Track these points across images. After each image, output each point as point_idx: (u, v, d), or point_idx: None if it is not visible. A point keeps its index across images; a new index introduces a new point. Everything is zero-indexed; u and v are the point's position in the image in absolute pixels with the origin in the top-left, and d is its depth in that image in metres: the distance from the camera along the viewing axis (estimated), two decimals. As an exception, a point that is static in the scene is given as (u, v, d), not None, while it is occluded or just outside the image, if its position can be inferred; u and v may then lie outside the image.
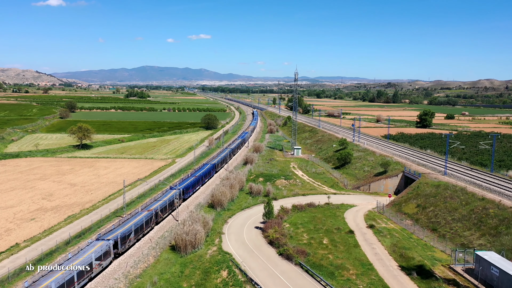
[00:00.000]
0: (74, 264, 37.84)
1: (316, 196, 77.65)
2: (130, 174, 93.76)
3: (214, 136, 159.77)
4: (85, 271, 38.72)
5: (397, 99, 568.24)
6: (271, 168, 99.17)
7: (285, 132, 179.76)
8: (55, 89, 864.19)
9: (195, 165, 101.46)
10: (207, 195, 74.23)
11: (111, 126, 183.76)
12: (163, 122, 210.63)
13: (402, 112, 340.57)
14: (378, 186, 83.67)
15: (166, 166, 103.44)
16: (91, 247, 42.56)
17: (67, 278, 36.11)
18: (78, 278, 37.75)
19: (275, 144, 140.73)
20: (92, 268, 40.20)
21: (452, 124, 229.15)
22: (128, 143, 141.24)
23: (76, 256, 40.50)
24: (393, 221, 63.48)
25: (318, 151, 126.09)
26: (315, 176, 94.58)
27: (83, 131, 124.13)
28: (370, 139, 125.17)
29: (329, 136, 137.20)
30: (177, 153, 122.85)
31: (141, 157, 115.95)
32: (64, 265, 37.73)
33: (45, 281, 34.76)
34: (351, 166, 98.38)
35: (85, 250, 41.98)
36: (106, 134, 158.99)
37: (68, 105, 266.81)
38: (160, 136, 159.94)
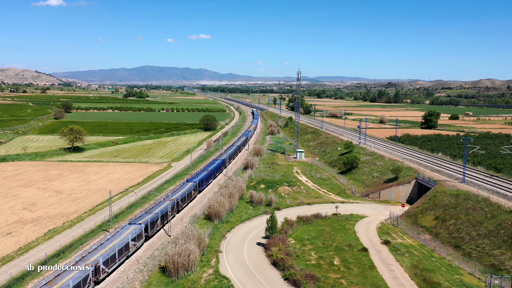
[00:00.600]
0: (114, 243, 43.86)
1: (323, 205, 71.44)
2: (122, 180, 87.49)
3: (213, 138, 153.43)
4: (123, 249, 44.45)
5: (399, 99, 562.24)
6: (273, 173, 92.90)
7: (287, 133, 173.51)
8: (54, 89, 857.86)
9: (191, 170, 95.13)
10: (204, 205, 67.97)
11: (106, 127, 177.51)
12: (161, 123, 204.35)
13: (405, 112, 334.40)
14: (389, 194, 77.42)
15: (161, 171, 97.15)
16: (126, 230, 48.43)
17: (111, 254, 42.02)
18: (118, 255, 43.50)
19: (276, 146, 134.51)
20: (129, 247, 45.93)
21: (458, 124, 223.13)
22: (123, 146, 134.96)
23: (114, 237, 46.20)
24: (410, 235, 57.23)
25: (322, 154, 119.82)
26: (320, 182, 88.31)
27: (75, 133, 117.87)
28: (377, 142, 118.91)
29: (333, 138, 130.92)
30: (174, 157, 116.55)
31: (135, 160, 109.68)
32: (105, 245, 43.90)
33: (93, 256, 40.94)
34: (358, 171, 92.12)
35: (120, 233, 47.55)
36: (100, 135, 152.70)
37: (64, 105, 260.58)
38: (157, 138, 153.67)
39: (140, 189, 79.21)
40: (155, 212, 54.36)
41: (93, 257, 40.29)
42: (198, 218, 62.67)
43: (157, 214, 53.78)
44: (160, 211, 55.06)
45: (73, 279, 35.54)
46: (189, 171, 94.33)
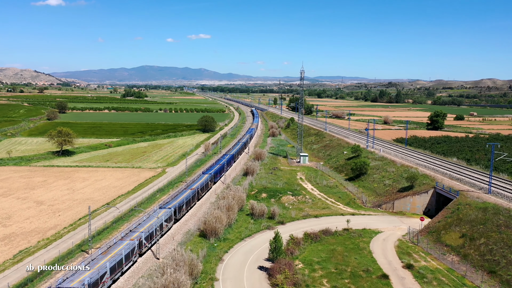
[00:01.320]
0: (151, 223, 49.93)
1: (331, 218, 64.23)
2: (111, 188, 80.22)
3: (211, 140, 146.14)
4: (159, 228, 50.58)
5: (400, 99, 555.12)
6: (275, 180, 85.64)
7: (288, 135, 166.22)
8: (52, 88, 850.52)
9: (187, 176, 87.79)
10: (199, 219, 60.73)
11: (101, 129, 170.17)
12: (157, 124, 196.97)
13: (408, 112, 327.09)
14: (403, 205, 70.20)
15: (154, 177, 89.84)
16: (158, 213, 54.07)
17: (150, 231, 48.03)
18: (155, 233, 49.57)
19: (278, 149, 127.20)
20: (163, 227, 52.02)
21: (464, 125, 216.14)
22: (116, 149, 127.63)
23: (149, 219, 52.32)
24: (434, 256, 50.01)
25: (326, 158, 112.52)
26: (327, 190, 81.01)
27: (64, 135, 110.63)
28: (386, 145, 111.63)
29: (338, 141, 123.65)
30: (169, 161, 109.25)
31: (128, 165, 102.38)
32: (143, 224, 50.05)
33: (135, 233, 46.87)
34: (368, 177, 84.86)
35: (155, 214, 53.22)
36: (93, 138, 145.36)
37: (58, 105, 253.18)
38: (152, 140, 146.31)
39: (129, 199, 71.95)
40: (180, 199, 60.35)
41: (136, 233, 47.09)
42: (192, 234, 55.40)
43: (182, 201, 59.93)
44: (185, 197, 61.81)
45: (124, 249, 42.57)
46: (184, 177, 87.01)
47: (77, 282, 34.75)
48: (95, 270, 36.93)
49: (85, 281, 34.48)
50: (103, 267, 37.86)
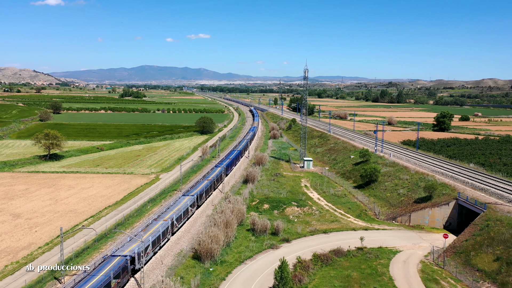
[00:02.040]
0: (179, 207, 55.32)
1: (342, 234, 57.21)
2: (98, 197, 73.10)
3: (209, 143, 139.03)
4: (186, 212, 56.09)
5: (402, 99, 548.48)
6: (278, 189, 78.54)
7: (290, 137, 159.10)
8: (50, 88, 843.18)
9: (181, 184, 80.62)
10: (193, 236, 53.66)
11: (94, 131, 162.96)
12: (154, 125, 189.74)
13: (410, 113, 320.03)
14: (421, 217, 63.16)
15: (146, 185, 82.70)
16: (184, 199, 59.20)
17: (179, 214, 53.42)
18: (183, 216, 55.33)
19: (280, 153, 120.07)
20: (188, 211, 56.97)
21: (470, 126, 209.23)
22: (108, 152, 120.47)
23: (175, 204, 57.61)
24: (465, 283, 43.00)
25: (332, 163, 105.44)
26: (335, 200, 73.92)
27: (51, 138, 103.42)
28: (396, 149, 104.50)
29: (343, 144, 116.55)
30: (163, 166, 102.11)
31: (119, 171, 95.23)
32: (172, 208, 55.62)
33: (166, 215, 52.21)
34: (379, 185, 77.79)
35: (180, 200, 58.70)
36: (85, 140, 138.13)
37: (53, 106, 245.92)
38: (147, 143, 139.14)
39: (116, 212, 64.81)
40: (199, 188, 64.01)
41: (167, 215, 51.67)
42: (184, 256, 48.26)
43: (202, 189, 63.93)
44: (204, 186, 66.25)
45: (162, 226, 47.71)
46: (179, 185, 79.78)
47: (128, 251, 40.99)
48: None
49: (135, 251, 40.88)
50: (147, 240, 43.44)
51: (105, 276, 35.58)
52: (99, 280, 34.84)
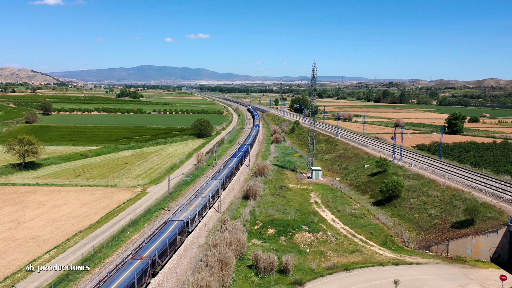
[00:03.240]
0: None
1: (368, 272, 45.40)
2: (71, 218, 61.23)
3: (206, 148, 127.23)
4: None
5: (404, 99, 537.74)
6: (285, 206, 66.67)
7: (294, 141, 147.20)
8: (46, 88, 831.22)
9: (170, 201, 68.67)
10: (179, 277, 41.73)
11: (82, 134, 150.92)
12: (147, 128, 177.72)
13: (415, 113, 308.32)
14: (462, 247, 51.35)
15: (130, 201, 70.80)
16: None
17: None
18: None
19: (284, 160, 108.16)
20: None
21: (482, 128, 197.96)
22: (93, 159, 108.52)
23: (191, 203, 59.99)
24: None
25: (343, 172, 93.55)
26: (353, 221, 62.01)
27: (26, 144, 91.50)
28: (417, 157, 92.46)
29: (354, 151, 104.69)
30: (153, 176, 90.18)
31: (101, 183, 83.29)
32: (186, 208, 57.37)
33: (182, 214, 54.47)
34: (403, 203, 65.97)
35: (195, 200, 61.28)
36: (69, 145, 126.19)
37: (42, 106, 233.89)
38: (138, 148, 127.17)
39: (87, 239, 52.89)
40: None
41: (182, 215, 53.89)
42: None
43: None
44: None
45: (203, 201, 59.65)
46: (166, 203, 67.82)
47: (182, 217, 51.73)
48: (190, 211, 54.62)
49: (188, 217, 51.77)
50: (194, 210, 54.28)
51: (172, 233, 47.07)
52: (169, 234, 46.35)
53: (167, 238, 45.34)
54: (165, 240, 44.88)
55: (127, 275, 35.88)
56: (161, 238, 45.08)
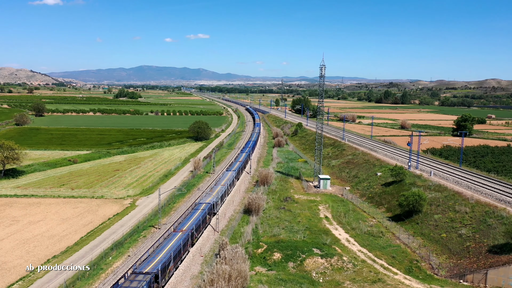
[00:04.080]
0: (227, 179, 69.60)
1: (397, 312, 37.35)
2: (45, 239, 53.22)
3: (203, 153, 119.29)
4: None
5: (406, 100, 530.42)
6: (291, 223, 58.71)
7: (297, 144, 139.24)
8: (43, 88, 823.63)
9: (160, 218, 60.61)
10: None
11: (73, 137, 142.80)
12: (143, 130, 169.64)
13: (419, 114, 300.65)
14: (504, 277, 43.40)
15: (117, 216, 62.79)
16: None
17: (229, 182, 70.22)
18: (232, 184, 72.78)
19: (287, 167, 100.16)
20: (234, 183, 72.91)
21: (491, 130, 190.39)
22: (82, 165, 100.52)
23: (224, 176, 74.16)
24: None
25: (353, 181, 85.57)
26: (371, 242, 53.97)
27: (6, 150, 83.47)
28: (436, 164, 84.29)
29: (364, 156, 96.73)
30: (144, 185, 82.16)
31: (87, 193, 75.27)
32: (222, 179, 72.20)
33: (221, 182, 70.10)
34: (426, 219, 58.06)
35: (226, 175, 73.42)
36: (58, 149, 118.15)
37: (35, 107, 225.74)
38: (131, 153, 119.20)
39: (58, 272, 44.71)
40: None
41: (223, 182, 70.94)
42: None
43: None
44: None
45: (222, 189, 66.66)
46: (157, 220, 59.74)
47: (208, 200, 58.58)
48: (214, 196, 61.21)
49: (213, 200, 58.67)
50: (217, 196, 61.43)
51: (203, 211, 53.59)
52: (200, 213, 52.88)
53: (200, 216, 52.69)
54: (198, 217, 52.39)
55: (174, 242, 43.63)
56: (195, 216, 52.73)
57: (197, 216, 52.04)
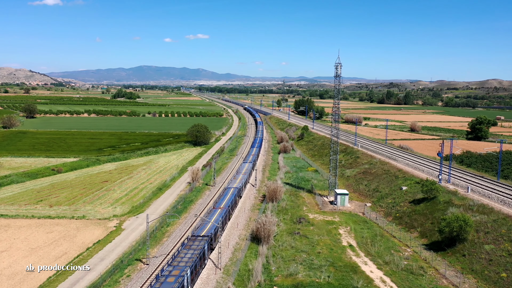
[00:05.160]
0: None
1: None
2: (4, 280, 42.42)
3: (203, 161, 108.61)
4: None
5: (409, 100, 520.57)
6: (310, 256, 47.95)
7: (304, 150, 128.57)
8: (41, 88, 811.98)
9: (148, 248, 49.76)
10: None
11: (62, 142, 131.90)
12: (138, 133, 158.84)
13: (425, 116, 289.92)
14: None
15: (98, 244, 51.98)
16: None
17: (248, 174, 78.78)
18: (249, 177, 78.02)
19: (297, 177, 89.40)
20: (244, 187, 72.63)
21: (505, 133, 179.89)
22: (67, 175, 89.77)
23: (234, 181, 73.20)
24: None
25: (374, 196, 74.80)
26: (411, 282, 42.85)
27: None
28: (469, 177, 73.38)
29: (382, 166, 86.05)
30: (135, 201, 71.37)
31: (67, 212, 64.51)
32: (240, 173, 79.66)
33: (240, 175, 77.77)
34: (475, 249, 47.41)
35: (229, 189, 67.57)
36: (43, 156, 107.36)
37: (26, 109, 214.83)
38: (124, 160, 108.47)
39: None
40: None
41: (241, 175, 77.47)
42: None
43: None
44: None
45: (243, 179, 74.33)
46: (145, 251, 48.91)
47: (236, 184, 68.59)
48: (239, 182, 70.61)
49: (240, 184, 68.82)
50: (241, 183, 70.24)
51: (232, 195, 62.26)
52: (232, 194, 62.92)
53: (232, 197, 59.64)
54: (230, 198, 59.47)
55: (216, 217, 51.15)
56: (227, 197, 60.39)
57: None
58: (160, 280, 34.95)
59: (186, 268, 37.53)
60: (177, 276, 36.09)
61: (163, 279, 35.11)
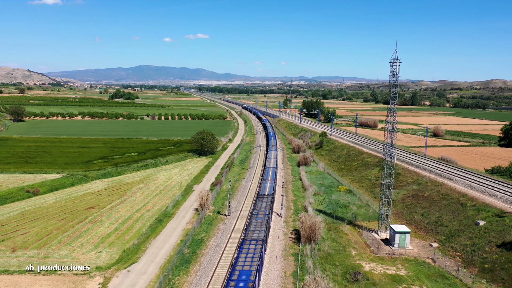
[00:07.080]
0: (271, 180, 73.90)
1: None
2: None
3: (211, 176, 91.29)
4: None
5: (416, 101, 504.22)
6: None
7: (326, 161, 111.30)
8: (37, 88, 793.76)
9: None
10: None
11: (45, 153, 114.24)
12: (134, 140, 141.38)
13: (439, 118, 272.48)
14: None
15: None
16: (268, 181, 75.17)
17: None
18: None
19: (329, 201, 71.97)
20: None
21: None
22: (44, 199, 72.43)
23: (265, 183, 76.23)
24: None
25: (437, 231, 57.47)
26: None
27: None
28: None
29: (437, 188, 68.82)
30: (127, 239, 54.04)
31: (32, 261, 47.19)
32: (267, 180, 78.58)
33: (267, 181, 77.00)
34: None
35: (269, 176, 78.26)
36: (19, 172, 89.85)
37: (13, 111, 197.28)
38: (117, 175, 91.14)
39: None
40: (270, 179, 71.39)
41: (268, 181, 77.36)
42: None
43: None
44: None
45: (271, 184, 73.71)
46: None
47: (269, 184, 72.85)
48: (271, 183, 73.33)
49: (272, 184, 72.12)
50: (271, 186, 70.99)
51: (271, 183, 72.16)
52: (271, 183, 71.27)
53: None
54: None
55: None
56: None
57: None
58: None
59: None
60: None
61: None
